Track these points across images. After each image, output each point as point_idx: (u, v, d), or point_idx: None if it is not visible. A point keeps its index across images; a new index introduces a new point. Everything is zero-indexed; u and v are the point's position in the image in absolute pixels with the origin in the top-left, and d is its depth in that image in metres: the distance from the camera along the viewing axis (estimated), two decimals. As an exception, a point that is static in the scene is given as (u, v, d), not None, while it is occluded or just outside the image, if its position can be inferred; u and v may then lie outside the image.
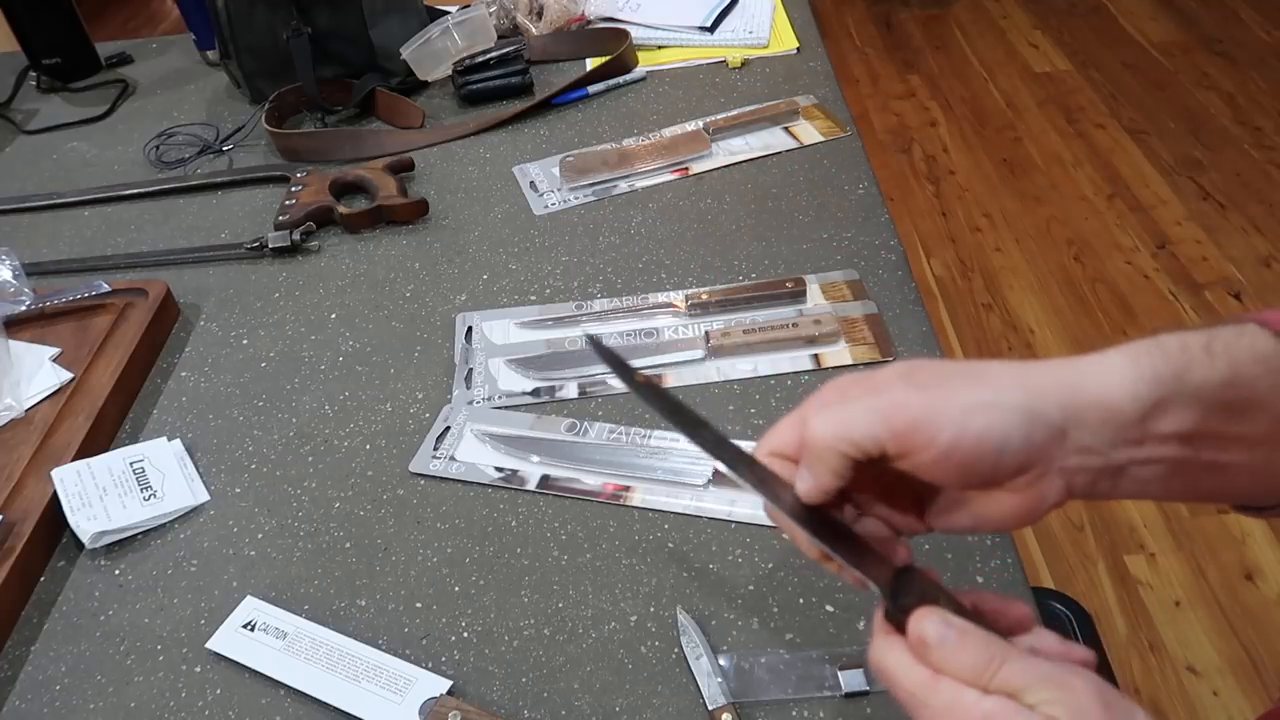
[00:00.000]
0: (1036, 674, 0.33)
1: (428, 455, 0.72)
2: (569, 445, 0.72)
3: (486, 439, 0.73)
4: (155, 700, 0.60)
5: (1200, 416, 0.38)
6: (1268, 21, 3.04)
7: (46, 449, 0.74)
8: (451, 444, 0.73)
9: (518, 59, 1.15)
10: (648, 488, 0.68)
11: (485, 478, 0.70)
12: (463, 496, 0.70)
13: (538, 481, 0.70)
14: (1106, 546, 1.61)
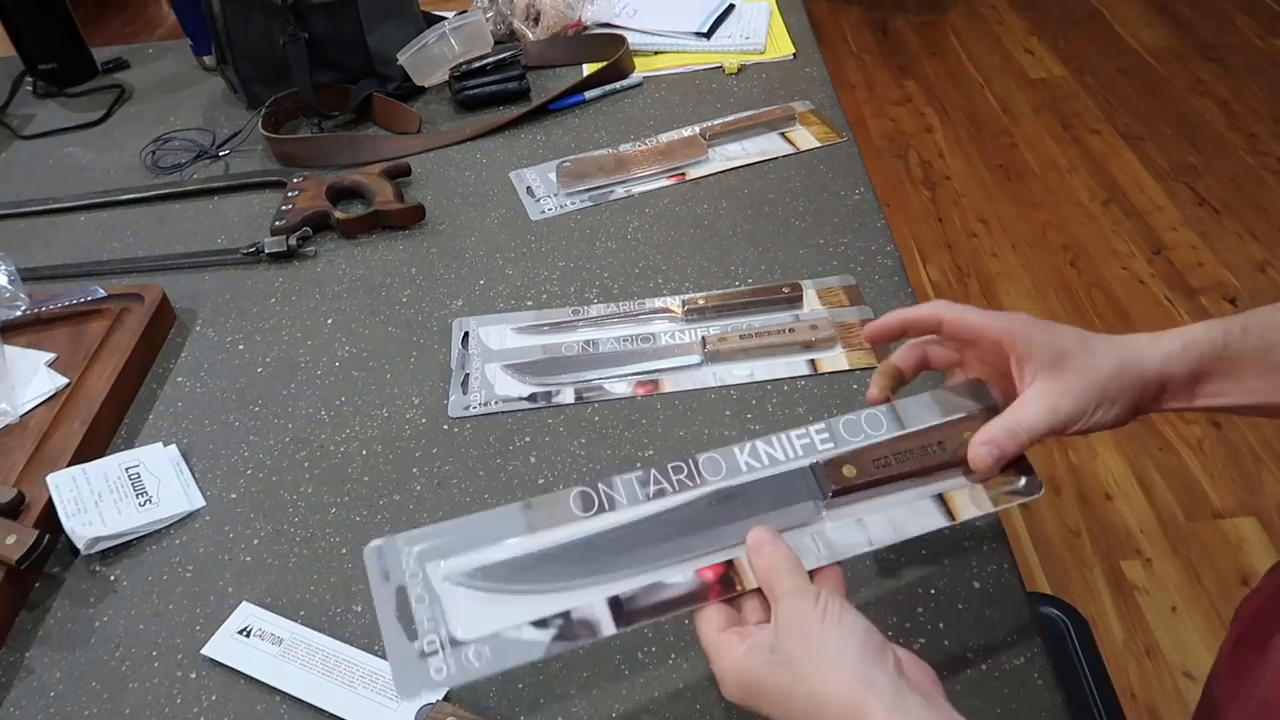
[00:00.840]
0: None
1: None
2: (604, 539, 0.48)
3: (477, 579, 0.47)
4: (150, 706, 0.59)
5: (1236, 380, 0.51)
6: (1262, 28, 3.05)
7: (42, 454, 0.74)
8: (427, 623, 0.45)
9: (514, 64, 1.15)
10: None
11: (541, 653, 0.45)
12: (459, 502, 0.70)
13: (611, 616, 0.46)
14: (1103, 551, 1.61)
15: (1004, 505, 0.52)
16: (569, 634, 0.45)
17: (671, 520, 0.49)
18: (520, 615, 0.45)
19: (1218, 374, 0.51)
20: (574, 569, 0.47)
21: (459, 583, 0.46)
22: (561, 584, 0.46)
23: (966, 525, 0.59)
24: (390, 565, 0.46)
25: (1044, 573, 1.59)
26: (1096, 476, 1.74)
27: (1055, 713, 0.54)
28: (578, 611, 0.46)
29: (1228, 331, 0.51)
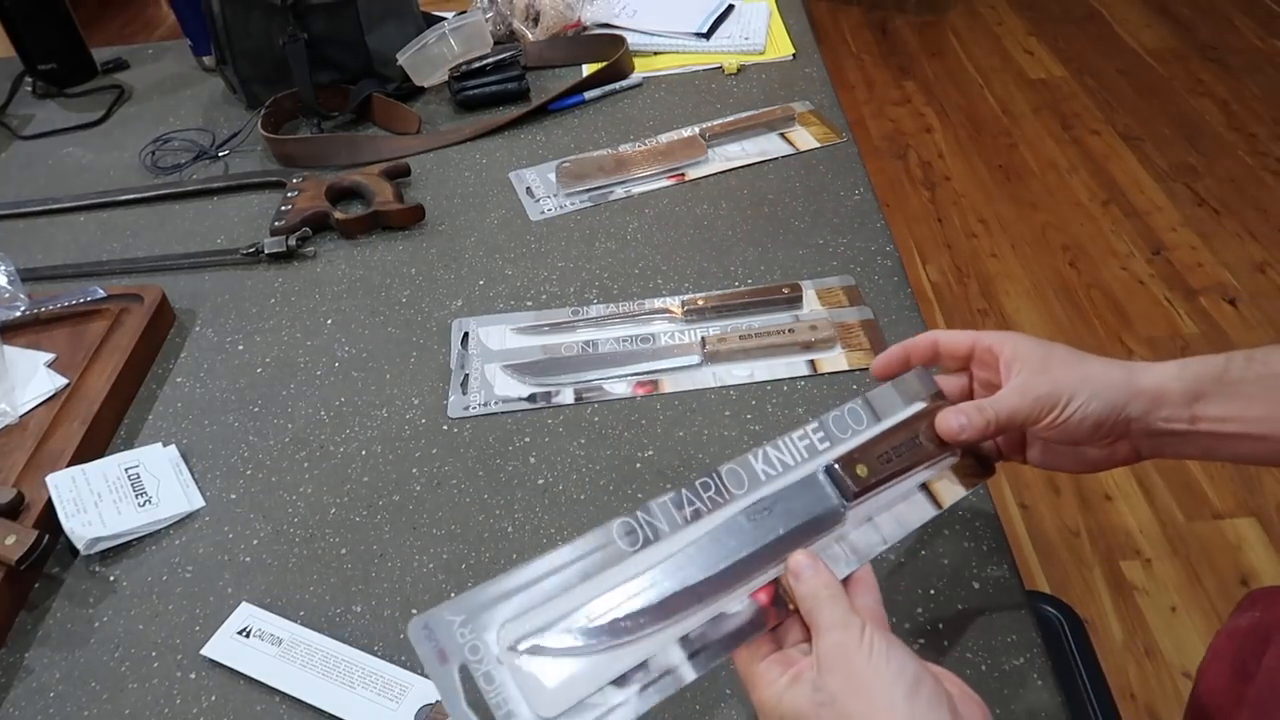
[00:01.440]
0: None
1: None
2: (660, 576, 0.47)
3: (539, 655, 0.44)
4: (150, 707, 0.59)
5: (1241, 404, 0.51)
6: (1261, 28, 3.05)
7: (41, 455, 0.74)
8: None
9: (514, 65, 1.15)
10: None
11: (630, 712, 0.43)
12: (458, 502, 0.70)
13: (688, 662, 0.45)
14: (1102, 552, 1.61)
15: (971, 487, 0.55)
16: (652, 684, 0.44)
17: (717, 544, 0.48)
18: (599, 677, 0.43)
19: (1218, 396, 0.51)
20: (642, 617, 0.45)
21: (525, 651, 0.43)
22: (632, 636, 0.44)
23: (954, 510, 0.61)
24: (445, 642, 0.42)
25: (1044, 573, 1.59)
26: (1096, 477, 1.74)
27: (1055, 713, 0.54)
28: (655, 660, 0.44)
29: (1230, 359, 0.52)
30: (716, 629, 0.46)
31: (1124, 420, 0.51)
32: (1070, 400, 0.51)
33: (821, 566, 0.47)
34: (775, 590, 0.48)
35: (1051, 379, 0.52)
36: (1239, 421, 0.51)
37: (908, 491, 0.53)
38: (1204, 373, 0.52)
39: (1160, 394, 0.51)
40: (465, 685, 0.42)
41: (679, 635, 0.45)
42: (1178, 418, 0.51)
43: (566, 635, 0.44)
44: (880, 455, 0.53)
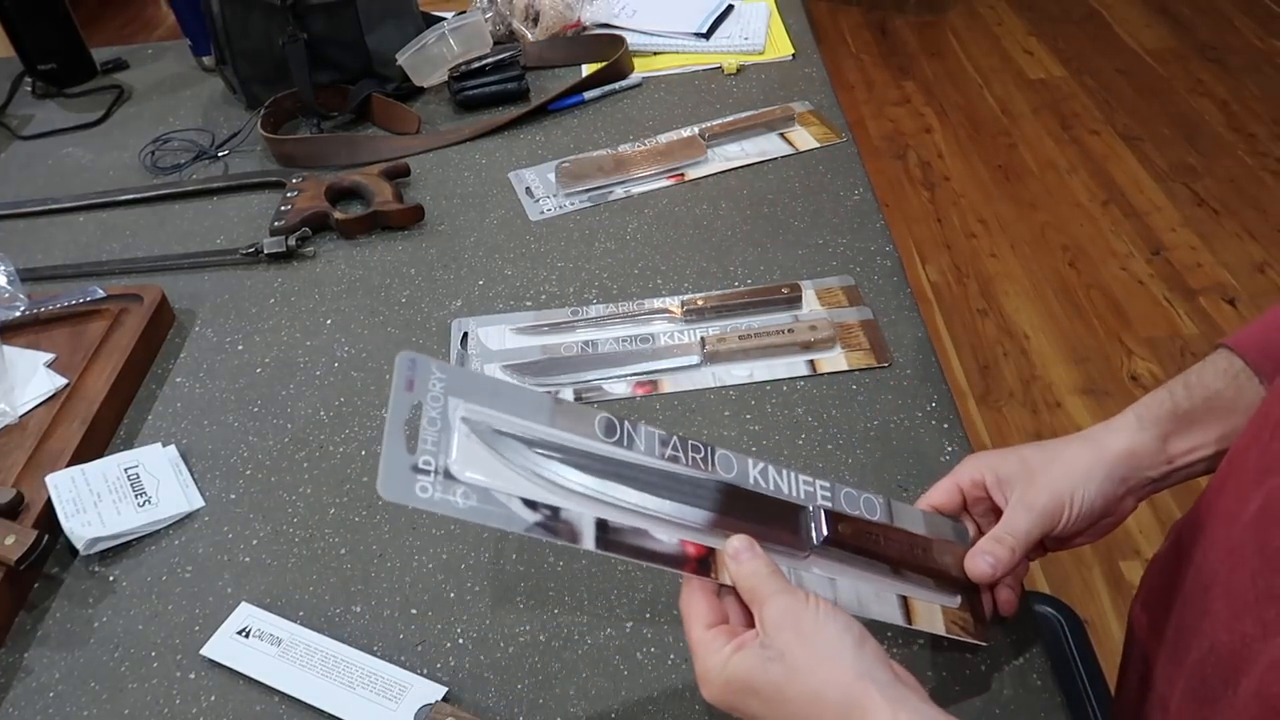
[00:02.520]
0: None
1: (406, 472, 0.44)
2: (618, 465, 0.48)
3: (501, 441, 0.47)
4: (149, 707, 0.59)
5: (1200, 431, 0.55)
6: (1261, 28, 3.05)
7: (41, 455, 0.74)
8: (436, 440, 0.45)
9: (514, 65, 1.15)
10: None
11: (516, 525, 0.45)
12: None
13: (595, 538, 0.47)
14: (1102, 552, 1.61)
15: (953, 636, 0.54)
16: (551, 528, 0.46)
17: (681, 487, 0.49)
18: (516, 488, 0.46)
19: (1181, 432, 0.56)
20: (585, 483, 0.47)
21: (475, 430, 0.46)
22: (565, 483, 0.47)
23: (912, 633, 0.59)
24: (418, 379, 0.45)
25: (1043, 573, 1.59)
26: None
27: (1054, 713, 0.54)
28: (566, 514, 0.46)
29: (1173, 394, 0.56)
30: (634, 538, 0.47)
31: (1119, 483, 0.55)
32: (1072, 498, 0.54)
33: (760, 551, 0.48)
34: (707, 554, 0.48)
35: (1046, 489, 0.54)
36: (1205, 447, 0.55)
37: (882, 587, 0.53)
38: (1160, 416, 0.56)
39: (1133, 451, 0.55)
40: (412, 415, 0.45)
41: (599, 515, 0.47)
42: (1156, 463, 0.56)
43: (518, 447, 0.46)
44: (870, 533, 0.52)
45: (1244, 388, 0.55)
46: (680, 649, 0.60)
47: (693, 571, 0.48)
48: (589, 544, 0.46)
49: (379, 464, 0.43)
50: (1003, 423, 1.86)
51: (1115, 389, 1.90)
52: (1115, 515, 0.57)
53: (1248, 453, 0.51)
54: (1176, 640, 0.55)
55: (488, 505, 0.45)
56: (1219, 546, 0.52)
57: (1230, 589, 0.49)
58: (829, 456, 0.70)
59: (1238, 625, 0.47)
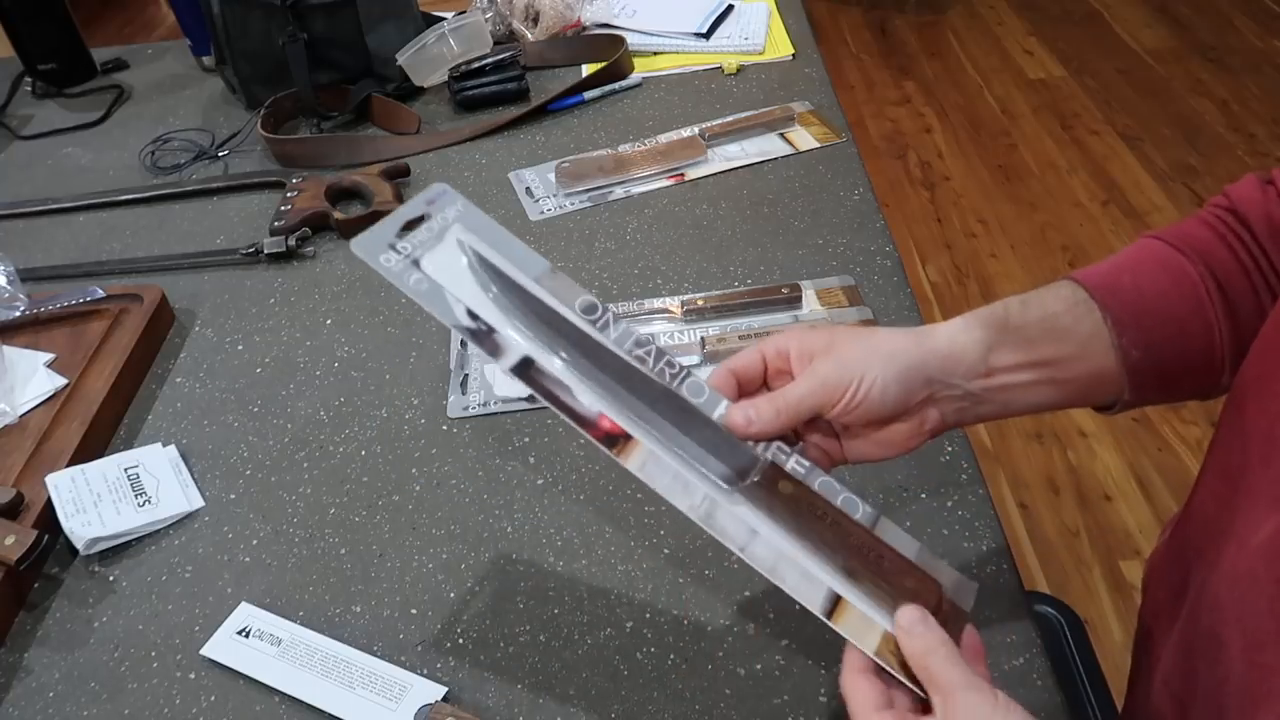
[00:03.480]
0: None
1: (383, 243, 0.51)
2: (575, 332, 0.52)
3: (476, 265, 0.52)
4: (149, 707, 0.59)
5: (1027, 348, 0.52)
6: (1261, 28, 3.05)
7: (41, 455, 0.74)
8: (424, 242, 0.52)
9: (513, 65, 1.15)
10: (654, 451, 0.49)
11: (449, 317, 0.50)
12: (458, 502, 0.70)
13: (515, 363, 0.50)
14: (1102, 552, 1.61)
15: (887, 667, 0.45)
16: (478, 337, 0.50)
17: (628, 376, 0.51)
18: (469, 298, 0.50)
19: (1005, 344, 0.52)
20: (535, 321, 0.51)
21: (463, 252, 0.52)
22: (514, 316, 0.51)
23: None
24: (440, 201, 0.53)
25: (1043, 573, 1.59)
26: (1095, 477, 1.74)
27: (1054, 713, 0.54)
28: (499, 336, 0.50)
29: (1007, 305, 0.53)
30: (554, 386, 0.50)
31: (924, 384, 0.51)
32: (863, 377, 0.49)
33: (936, 626, 0.45)
34: (619, 433, 0.49)
35: (838, 359, 0.50)
36: (1028, 369, 0.52)
37: (813, 566, 0.47)
38: (989, 323, 0.52)
39: (953, 352, 0.51)
40: (414, 219, 0.52)
41: (526, 354, 0.50)
42: (975, 373, 0.52)
43: (494, 272, 0.52)
44: (818, 508, 0.48)
45: (1082, 317, 0.53)
46: (680, 649, 0.60)
47: (597, 437, 0.48)
48: (506, 365, 0.49)
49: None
50: (1003, 423, 1.86)
51: (1115, 389, 1.90)
52: (913, 423, 0.52)
53: (1257, 474, 0.49)
54: (1186, 665, 0.54)
55: (435, 295, 0.50)
56: (1225, 571, 0.50)
57: (1243, 619, 0.47)
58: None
59: (1257, 657, 0.46)
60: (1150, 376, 0.53)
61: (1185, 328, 0.52)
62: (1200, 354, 0.53)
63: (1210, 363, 0.53)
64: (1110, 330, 0.52)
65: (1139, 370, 0.52)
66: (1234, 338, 0.53)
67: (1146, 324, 0.52)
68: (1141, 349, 0.52)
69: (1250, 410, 0.50)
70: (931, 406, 0.52)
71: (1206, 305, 0.52)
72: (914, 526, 0.64)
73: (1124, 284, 0.54)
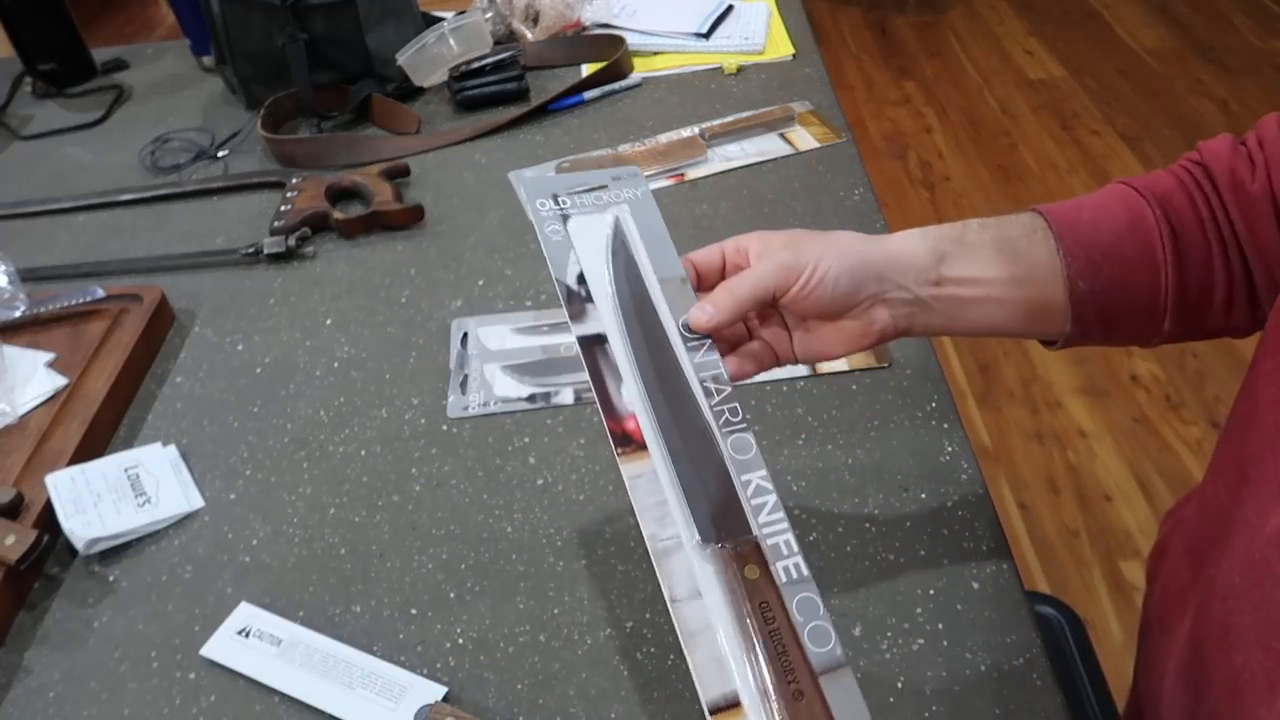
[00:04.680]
0: None
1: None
2: (663, 339, 0.52)
3: (615, 240, 0.55)
4: (149, 707, 0.59)
5: (978, 265, 0.54)
6: (1260, 28, 3.05)
7: (41, 455, 0.74)
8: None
9: (513, 65, 1.15)
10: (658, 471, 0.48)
11: (561, 274, 0.53)
12: (458, 502, 0.70)
13: (588, 334, 0.52)
14: (1102, 552, 1.61)
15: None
16: (572, 298, 0.53)
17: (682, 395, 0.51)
18: (589, 268, 0.54)
19: (958, 257, 0.54)
20: (631, 308, 0.53)
21: (612, 234, 0.55)
22: (619, 303, 0.53)
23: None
24: (621, 176, 0.57)
25: (1043, 573, 1.59)
26: (1095, 477, 1.74)
27: (1054, 713, 0.54)
28: (590, 305, 0.53)
29: (966, 225, 0.56)
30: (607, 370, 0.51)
31: (874, 280, 0.53)
32: (816, 265, 0.51)
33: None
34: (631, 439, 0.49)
35: (795, 250, 0.52)
36: (978, 284, 0.54)
37: (728, 659, 0.43)
38: (945, 235, 0.55)
39: (904, 254, 0.53)
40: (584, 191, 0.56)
41: (604, 334, 0.52)
42: (925, 279, 0.53)
43: (618, 253, 0.55)
44: (771, 614, 0.44)
45: (1037, 244, 0.55)
46: (680, 649, 0.59)
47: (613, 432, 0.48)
48: (579, 331, 0.52)
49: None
50: (1003, 422, 1.86)
51: (1115, 389, 1.90)
52: (862, 322, 0.53)
53: (1268, 463, 0.50)
54: (1200, 655, 0.54)
55: (561, 251, 0.53)
56: (1238, 560, 0.50)
57: (1259, 607, 0.48)
58: (829, 456, 0.70)
59: (1274, 644, 0.46)
60: (1093, 310, 0.55)
61: (1133, 268, 0.54)
62: (1145, 296, 0.55)
63: (1153, 307, 0.55)
64: (1061, 260, 0.54)
65: (1083, 303, 0.54)
66: (1179, 285, 0.54)
67: (1096, 258, 0.54)
68: (1088, 281, 0.54)
69: (1263, 401, 0.50)
70: (881, 306, 0.53)
71: (1157, 249, 0.54)
72: (914, 526, 0.64)
73: (1082, 219, 0.56)
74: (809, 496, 0.67)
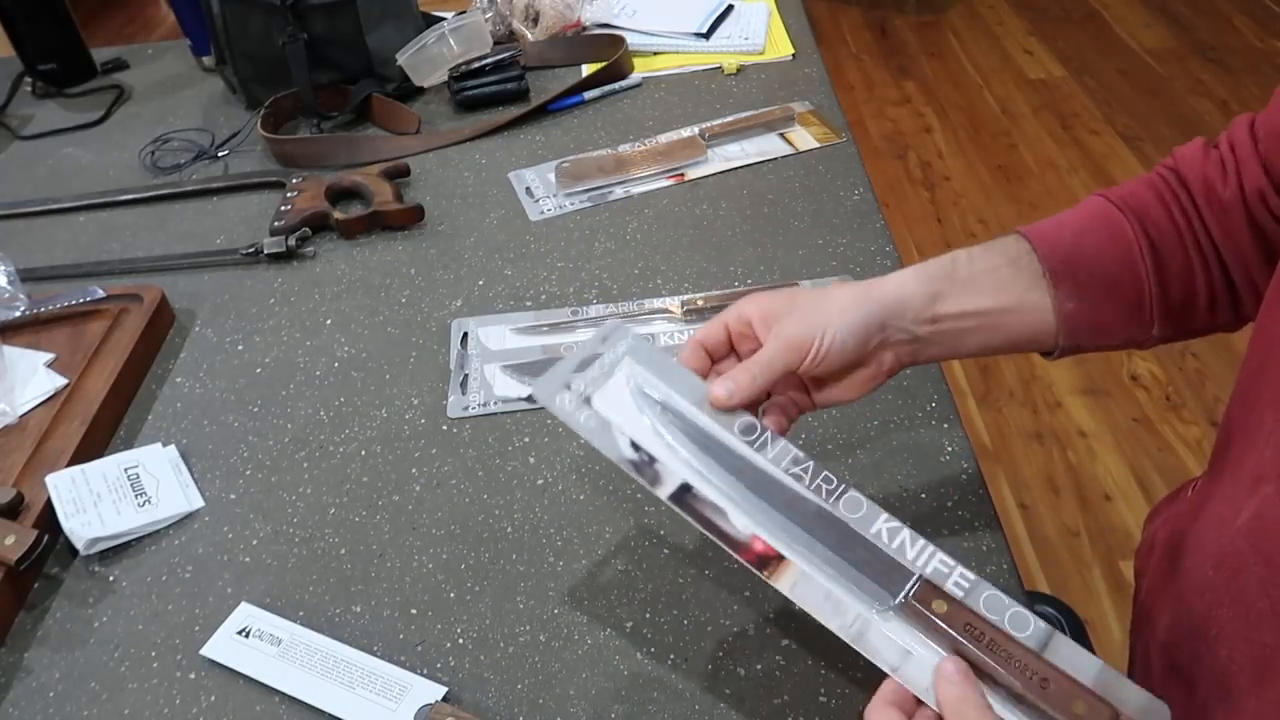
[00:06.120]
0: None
1: (560, 383, 0.55)
2: (733, 456, 0.53)
3: (641, 396, 0.55)
4: (149, 707, 0.59)
5: (969, 299, 0.56)
6: (1260, 28, 3.05)
7: (41, 455, 0.74)
8: (597, 378, 0.55)
9: (513, 65, 1.15)
10: (807, 572, 0.49)
11: (614, 452, 0.53)
12: (458, 502, 0.70)
13: (673, 491, 0.52)
14: (1102, 552, 1.61)
15: None
16: (640, 468, 0.52)
17: (780, 492, 0.52)
18: (633, 431, 0.53)
19: (951, 294, 0.56)
20: (693, 445, 0.53)
21: (634, 391, 0.55)
22: (676, 446, 0.53)
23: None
24: (613, 338, 0.57)
25: (1043, 573, 1.59)
26: (1095, 477, 1.74)
27: (1054, 713, 0.54)
28: (660, 465, 0.52)
29: (955, 260, 0.58)
30: (708, 510, 0.51)
31: (877, 330, 0.55)
32: (823, 334, 0.54)
33: (975, 682, 0.45)
34: (773, 555, 0.50)
35: (800, 320, 0.54)
36: (971, 316, 0.56)
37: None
38: (936, 274, 0.57)
39: (900, 299, 0.56)
40: (587, 358, 0.56)
41: (685, 480, 0.52)
42: (921, 319, 0.56)
43: (653, 406, 0.55)
44: (973, 626, 0.46)
45: (1022, 270, 0.57)
46: (680, 649, 0.60)
47: (751, 561, 0.49)
48: (665, 493, 0.51)
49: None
50: (1003, 423, 1.86)
51: (1115, 389, 1.90)
52: (872, 367, 0.57)
53: (1239, 459, 0.51)
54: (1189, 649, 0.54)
55: (604, 433, 0.53)
56: (1212, 553, 0.51)
57: (1237, 600, 0.48)
58: (829, 456, 0.70)
59: (1256, 636, 0.47)
60: (1082, 326, 0.57)
61: (1117, 282, 0.56)
62: (1131, 307, 0.57)
63: (1140, 316, 0.57)
64: (1048, 282, 0.56)
65: (1072, 319, 0.56)
66: (1162, 294, 0.56)
67: (1081, 278, 0.56)
68: (1075, 301, 0.56)
69: (1247, 399, 0.52)
70: (886, 350, 0.57)
71: (1138, 263, 0.56)
72: (914, 526, 0.64)
73: (1065, 239, 0.57)
74: (809, 496, 0.67)
